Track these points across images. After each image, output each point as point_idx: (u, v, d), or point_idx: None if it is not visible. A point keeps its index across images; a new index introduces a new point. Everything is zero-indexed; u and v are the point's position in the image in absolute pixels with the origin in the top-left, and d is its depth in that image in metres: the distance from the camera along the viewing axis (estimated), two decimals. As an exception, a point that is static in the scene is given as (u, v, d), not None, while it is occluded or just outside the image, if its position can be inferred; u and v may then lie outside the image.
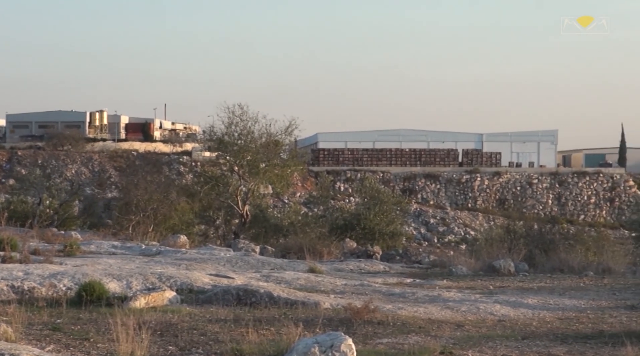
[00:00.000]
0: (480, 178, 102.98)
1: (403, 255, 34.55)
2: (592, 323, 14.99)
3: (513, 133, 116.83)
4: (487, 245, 31.07)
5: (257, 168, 44.95)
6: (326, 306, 16.00)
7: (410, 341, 13.02)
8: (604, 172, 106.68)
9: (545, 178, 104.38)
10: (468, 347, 12.61)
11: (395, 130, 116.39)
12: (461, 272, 23.91)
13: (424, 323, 14.57)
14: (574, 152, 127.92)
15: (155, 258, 24.75)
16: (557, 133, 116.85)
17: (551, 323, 15.01)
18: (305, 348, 10.05)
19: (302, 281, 20.11)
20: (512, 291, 19.61)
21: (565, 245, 30.37)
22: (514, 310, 16.30)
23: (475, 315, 15.77)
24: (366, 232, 40.45)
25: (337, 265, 26.32)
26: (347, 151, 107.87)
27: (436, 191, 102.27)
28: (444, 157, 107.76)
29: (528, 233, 32.30)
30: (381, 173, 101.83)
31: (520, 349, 12.64)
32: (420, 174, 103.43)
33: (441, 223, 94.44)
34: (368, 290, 19.16)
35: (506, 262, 24.14)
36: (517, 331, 14.18)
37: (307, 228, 39.62)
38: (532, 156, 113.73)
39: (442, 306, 16.48)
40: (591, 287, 20.40)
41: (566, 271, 24.33)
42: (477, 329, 14.32)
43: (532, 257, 27.27)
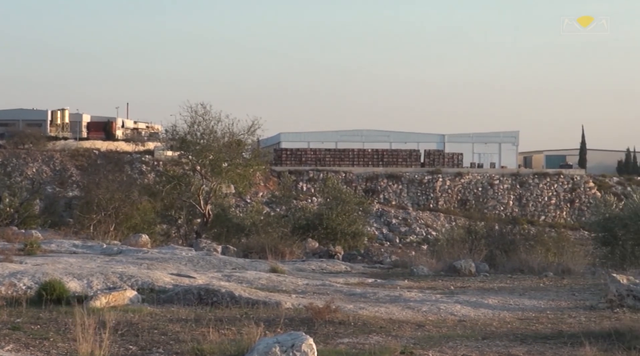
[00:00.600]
0: (442, 179, 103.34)
1: (365, 255, 34.62)
2: (551, 324, 15.09)
3: (475, 134, 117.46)
4: (448, 245, 31.18)
5: (219, 167, 44.86)
6: (288, 306, 16.01)
7: (371, 341, 13.05)
8: (565, 173, 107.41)
9: (506, 179, 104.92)
10: (428, 347, 12.66)
11: (357, 131, 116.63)
12: (422, 272, 23.99)
13: (385, 323, 14.61)
14: (535, 153, 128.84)
15: (116, 257, 24.65)
16: (518, 135, 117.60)
17: (511, 324, 15.09)
18: (266, 347, 10.05)
19: (263, 281, 20.10)
20: (473, 291, 19.69)
21: (525, 246, 30.53)
22: (474, 310, 16.37)
23: (436, 315, 15.83)
24: (328, 232, 40.49)
25: (299, 265, 26.32)
26: (309, 151, 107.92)
27: (398, 191, 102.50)
28: (406, 158, 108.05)
29: (489, 234, 32.46)
30: (343, 173, 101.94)
31: (480, 349, 12.71)
32: (383, 174, 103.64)
33: (403, 223, 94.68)
34: (329, 290, 19.19)
35: (467, 263, 24.24)
36: (478, 331, 14.24)
37: (269, 228, 39.59)
38: (494, 157, 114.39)
39: (403, 307, 16.53)
40: (551, 288, 20.52)
41: (526, 271, 24.45)
42: (437, 329, 14.37)
43: (492, 258, 27.39)
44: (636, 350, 12.47)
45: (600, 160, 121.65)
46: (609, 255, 30.24)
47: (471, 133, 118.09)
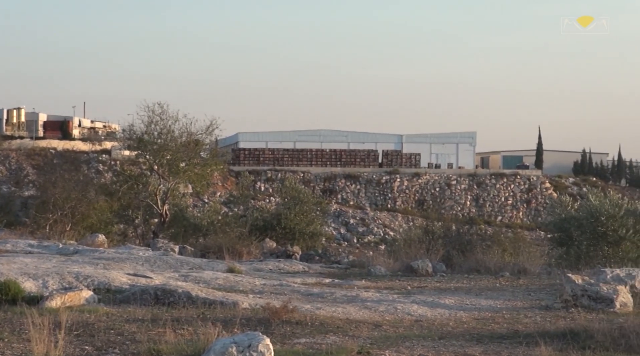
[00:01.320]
0: (400, 179, 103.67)
1: (322, 255, 34.63)
2: (507, 323, 15.17)
3: (432, 135, 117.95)
4: (405, 245, 31.25)
5: (177, 167, 44.69)
6: (245, 306, 15.98)
7: (328, 341, 13.06)
8: (521, 174, 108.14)
9: (463, 179, 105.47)
10: (385, 347, 12.68)
11: (315, 131, 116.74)
12: (380, 272, 24.03)
13: (342, 323, 14.62)
14: (492, 154, 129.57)
15: (72, 257, 24.48)
16: (475, 135, 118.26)
17: (467, 323, 15.15)
18: (222, 348, 10.03)
19: (221, 281, 20.06)
20: (430, 291, 19.75)
21: (482, 246, 30.69)
22: (431, 310, 16.42)
23: (392, 315, 15.86)
24: (286, 232, 40.46)
25: (257, 265, 26.28)
26: (267, 151, 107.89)
27: (356, 191, 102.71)
28: (364, 158, 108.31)
29: (446, 234, 32.58)
30: (302, 173, 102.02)
31: (436, 349, 12.75)
32: (341, 175, 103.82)
33: (361, 223, 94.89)
34: (287, 290, 19.18)
35: (424, 263, 24.31)
36: (434, 331, 14.29)
37: (227, 228, 39.49)
38: (451, 157, 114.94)
39: (360, 307, 16.55)
40: (507, 288, 20.63)
41: (483, 271, 24.55)
42: (394, 329, 14.40)
43: (449, 258, 27.50)
44: (590, 349, 12.57)
45: (556, 161, 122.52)
46: (565, 256, 30.39)
47: (429, 133, 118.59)
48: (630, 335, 13.04)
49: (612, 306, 16.56)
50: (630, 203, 30.77)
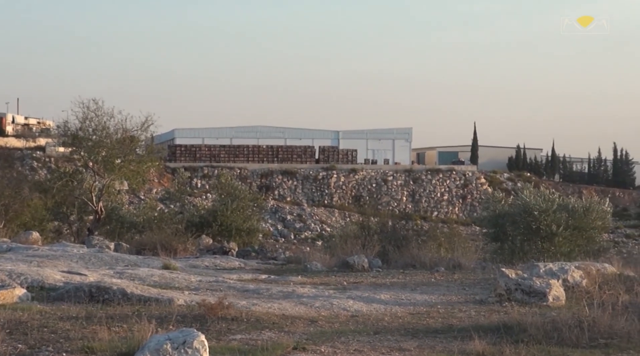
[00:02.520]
0: (337, 175, 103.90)
1: (259, 252, 34.58)
2: (442, 318, 15.27)
3: (369, 131, 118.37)
4: (342, 241, 31.32)
5: (112, 164, 44.32)
6: (180, 303, 15.92)
7: (264, 337, 13.06)
8: (457, 170, 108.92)
9: (400, 175, 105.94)
10: (321, 342, 12.71)
11: (252, 127, 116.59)
12: (316, 268, 24.06)
13: (277, 319, 14.62)
14: (428, 150, 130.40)
15: (5, 255, 24.19)
16: (411, 131, 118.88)
17: (403, 318, 15.23)
18: (157, 345, 9.99)
19: (156, 278, 19.96)
20: (366, 287, 19.81)
21: (418, 242, 30.81)
22: (366, 306, 16.48)
23: (328, 310, 15.89)
24: (222, 228, 40.33)
25: (193, 261, 26.19)
26: (204, 147, 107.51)
27: (293, 188, 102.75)
28: (301, 154, 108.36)
29: (382, 230, 32.67)
30: (238, 169, 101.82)
31: (372, 344, 12.80)
32: (278, 171, 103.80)
33: (298, 219, 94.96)
34: (223, 287, 19.14)
35: (360, 258, 24.38)
36: (370, 326, 14.35)
37: (163, 225, 39.27)
38: (387, 153, 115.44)
39: (296, 302, 16.57)
40: (442, 282, 20.76)
41: (418, 267, 24.67)
42: (330, 324, 14.43)
43: (385, 253, 27.58)
44: (524, 343, 12.70)
45: (491, 157, 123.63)
46: (499, 251, 30.71)
47: (365, 129, 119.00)
48: (563, 328, 13.20)
49: (545, 300, 16.76)
50: (562, 199, 31.20)
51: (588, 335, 13.01)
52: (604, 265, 20.77)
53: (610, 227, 36.55)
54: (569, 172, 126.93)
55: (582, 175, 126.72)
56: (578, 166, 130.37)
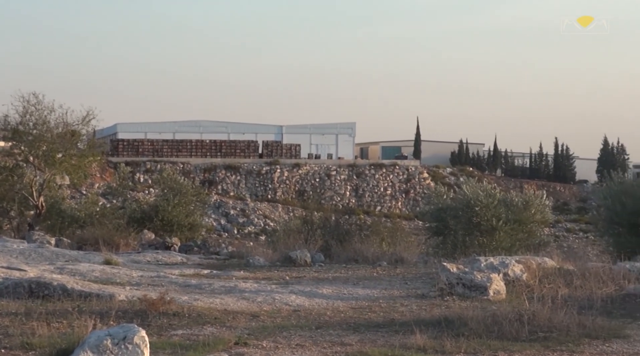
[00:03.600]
0: (280, 170, 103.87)
1: (201, 247, 34.48)
2: (384, 312, 15.33)
3: (312, 126, 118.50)
4: (284, 236, 31.33)
5: (53, 158, 43.91)
6: (121, 298, 15.84)
7: (206, 332, 13.05)
8: (400, 164, 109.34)
9: (343, 170, 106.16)
10: (263, 337, 12.73)
11: (195, 121, 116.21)
12: (258, 263, 24.02)
13: (219, 314, 14.61)
14: (371, 144, 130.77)
15: (-57, 251, 23.92)
16: (355, 126, 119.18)
17: (345, 313, 15.27)
18: (97, 340, 9.93)
19: (97, 273, 19.84)
20: (308, 281, 19.83)
21: (360, 236, 30.90)
22: (308, 300, 16.51)
23: (270, 305, 15.90)
24: (164, 223, 40.11)
25: (134, 256, 26.06)
26: (147, 142, 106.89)
27: (236, 182, 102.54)
28: (244, 149, 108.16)
29: (325, 224, 32.71)
30: (181, 164, 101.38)
31: (313, 338, 12.84)
32: (221, 165, 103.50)
33: (241, 214, 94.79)
34: (164, 282, 19.07)
35: (302, 253, 24.39)
36: (312, 321, 14.38)
37: (105, 220, 38.99)
38: (331, 148, 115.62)
39: (238, 297, 16.56)
40: (384, 277, 20.82)
41: (361, 261, 24.72)
42: (272, 319, 14.45)
43: (328, 248, 27.62)
44: (464, 336, 12.80)
45: (434, 151, 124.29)
46: (441, 245, 30.86)
47: (309, 124, 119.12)
48: (503, 322, 13.34)
49: (485, 294, 16.91)
50: (503, 193, 31.47)
51: (528, 329, 13.15)
52: (544, 259, 20.97)
53: (550, 220, 36.91)
54: (511, 167, 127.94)
55: (524, 169, 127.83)
56: (520, 161, 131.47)
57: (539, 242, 31.23)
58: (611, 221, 29.49)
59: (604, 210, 30.58)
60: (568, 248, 56.15)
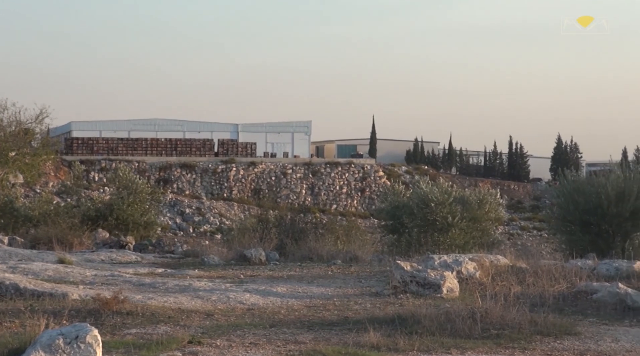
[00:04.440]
0: (236, 168, 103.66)
1: (156, 245, 34.33)
2: (338, 310, 15.37)
3: (268, 124, 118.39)
4: (240, 234, 31.33)
5: (6, 157, 43.66)
6: (75, 297, 15.77)
7: (159, 331, 13.03)
8: (356, 163, 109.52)
9: (299, 168, 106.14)
10: (217, 336, 12.73)
11: (150, 120, 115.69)
12: (213, 262, 23.98)
13: (173, 313, 14.59)
14: (327, 143, 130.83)
15: None
16: (310, 125, 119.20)
17: (299, 311, 15.30)
18: (49, 340, 9.88)
19: (50, 273, 19.73)
20: (262, 280, 19.84)
21: (316, 234, 30.96)
22: (263, 299, 16.52)
23: (225, 304, 15.90)
24: (119, 222, 39.93)
25: (88, 255, 25.94)
26: (101, 140, 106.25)
27: (192, 181, 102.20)
28: (200, 147, 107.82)
29: (280, 223, 32.77)
30: (136, 162, 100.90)
31: (268, 337, 12.86)
32: (176, 164, 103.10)
33: (197, 213, 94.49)
34: (118, 281, 19.01)
35: (257, 251, 24.40)
36: (266, 319, 14.40)
37: (59, 219, 38.74)
38: (287, 146, 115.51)
39: (192, 296, 16.54)
40: (339, 275, 20.85)
41: (316, 260, 24.75)
42: (226, 318, 14.45)
43: (283, 246, 27.65)
44: (418, 334, 12.88)
45: (389, 150, 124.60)
46: (396, 243, 31.01)
47: (264, 123, 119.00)
48: (456, 320, 13.43)
49: (439, 292, 17.00)
50: (458, 191, 31.67)
51: (480, 326, 13.25)
52: (497, 257, 21.14)
53: (504, 219, 37.22)
54: (466, 165, 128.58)
55: (479, 168, 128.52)
56: (474, 159, 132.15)
57: (493, 240, 31.49)
58: (564, 219, 29.75)
59: (557, 208, 30.83)
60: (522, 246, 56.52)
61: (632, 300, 16.05)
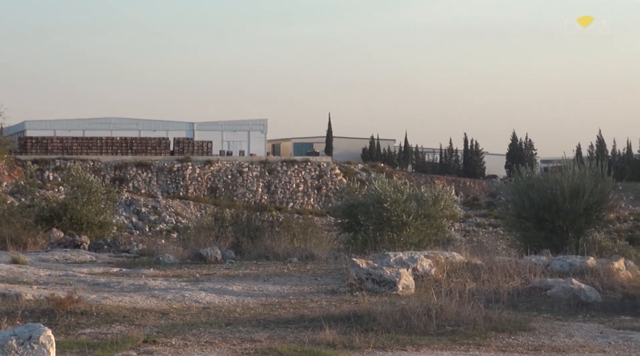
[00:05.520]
0: (192, 167, 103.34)
1: (112, 245, 34.18)
2: (293, 308, 15.38)
3: (224, 123, 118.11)
4: (196, 233, 31.24)
5: (-42, 156, 43.29)
6: (28, 297, 15.65)
7: (114, 330, 12.97)
8: (312, 161, 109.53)
9: (255, 166, 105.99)
10: (172, 335, 12.69)
11: (105, 119, 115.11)
12: (169, 261, 23.90)
13: (128, 312, 14.52)
14: (283, 141, 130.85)
15: None
16: (266, 123, 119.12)
17: (254, 309, 15.29)
18: (1, 340, 9.79)
19: (3, 273, 19.57)
20: (218, 278, 19.80)
21: (272, 233, 30.93)
22: (219, 297, 16.48)
23: (180, 303, 15.85)
24: (74, 222, 39.68)
25: (43, 255, 25.76)
26: (56, 139, 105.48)
27: (148, 180, 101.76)
28: (156, 146, 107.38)
29: (236, 221, 32.70)
30: (92, 161, 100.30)
31: (223, 335, 12.84)
32: (132, 163, 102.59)
33: (153, 212, 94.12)
34: (73, 280, 18.89)
35: (213, 250, 24.34)
36: (221, 318, 14.37)
37: (13, 219, 38.43)
38: (243, 145, 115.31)
39: (147, 295, 16.47)
40: (295, 273, 20.85)
41: (272, 258, 24.74)
42: (181, 317, 14.41)
43: (239, 245, 27.62)
44: (373, 331, 12.91)
45: (346, 148, 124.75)
46: (352, 241, 31.04)
47: (220, 121, 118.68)
48: (411, 316, 13.48)
49: (395, 289, 17.04)
50: (413, 189, 31.76)
51: (436, 323, 13.31)
52: (452, 254, 21.22)
53: (459, 215, 37.39)
54: (422, 163, 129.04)
55: (435, 165, 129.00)
56: (430, 157, 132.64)
57: (448, 237, 31.61)
58: (519, 216, 29.94)
59: (512, 205, 31.03)
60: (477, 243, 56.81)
61: (586, 295, 16.20)
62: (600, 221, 30.62)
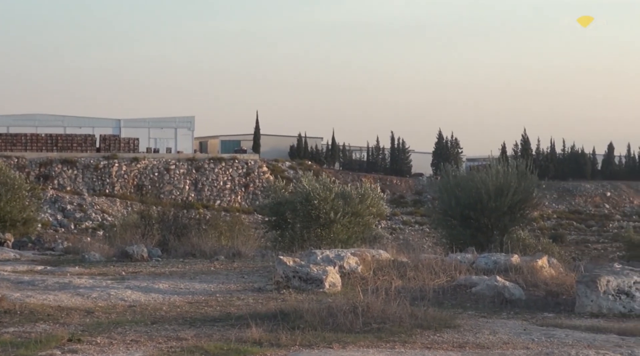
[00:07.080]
0: (118, 164, 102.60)
1: (36, 242, 33.84)
2: (220, 306, 15.33)
3: (151, 120, 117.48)
4: (122, 231, 31.03)
5: None
6: (-50, 297, 15.42)
7: (38, 329, 12.83)
8: (239, 158, 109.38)
9: (182, 164, 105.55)
10: (97, 333, 12.58)
11: (30, 115, 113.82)
12: (94, 259, 23.71)
13: (53, 310, 14.37)
14: (210, 138, 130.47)
15: None
16: (194, 120, 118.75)
17: (181, 307, 15.22)
18: None
19: None
20: (144, 276, 19.67)
21: (199, 230, 30.85)
22: (144, 295, 16.38)
23: (106, 301, 15.72)
24: (-3, 219, 39.22)
25: (-36, 254, 25.41)
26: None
27: (73, 177, 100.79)
28: (82, 143, 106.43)
29: (163, 219, 32.55)
30: (16, 158, 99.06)
31: (149, 334, 12.76)
32: (57, 160, 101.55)
33: (78, 209, 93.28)
34: (-4, 279, 18.65)
35: (139, 248, 24.19)
36: (147, 316, 14.28)
37: None
38: (170, 142, 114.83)
39: (72, 294, 16.31)
40: (221, 271, 20.79)
41: (198, 255, 24.68)
42: (107, 315, 14.29)
43: (165, 242, 27.50)
44: (300, 329, 12.91)
45: (273, 145, 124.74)
46: (279, 238, 31.08)
47: (147, 118, 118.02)
48: (338, 314, 13.50)
49: (321, 287, 17.08)
50: (340, 186, 31.87)
51: (362, 320, 13.34)
52: (379, 252, 21.31)
53: (386, 213, 37.62)
54: (349, 161, 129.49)
55: (362, 163, 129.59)
56: (358, 155, 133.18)
57: (375, 234, 31.78)
58: (445, 214, 30.21)
59: (439, 203, 31.30)
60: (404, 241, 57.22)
61: (510, 293, 16.39)
62: (524, 219, 31.02)
